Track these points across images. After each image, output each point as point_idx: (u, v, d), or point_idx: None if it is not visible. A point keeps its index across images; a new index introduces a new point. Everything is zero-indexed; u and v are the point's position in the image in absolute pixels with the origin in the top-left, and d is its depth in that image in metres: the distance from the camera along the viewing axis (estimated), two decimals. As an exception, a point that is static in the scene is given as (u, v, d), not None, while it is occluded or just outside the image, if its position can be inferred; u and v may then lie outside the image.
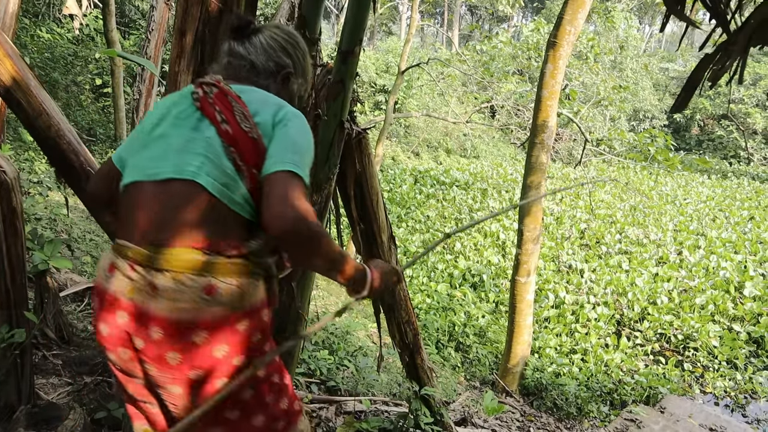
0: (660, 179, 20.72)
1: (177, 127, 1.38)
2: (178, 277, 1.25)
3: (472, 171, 19.49)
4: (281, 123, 1.38)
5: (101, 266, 1.38)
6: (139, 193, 1.35)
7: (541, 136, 6.26)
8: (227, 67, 1.51)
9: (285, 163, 1.31)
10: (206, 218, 1.30)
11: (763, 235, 14.23)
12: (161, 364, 1.29)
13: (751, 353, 9.71)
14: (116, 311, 1.30)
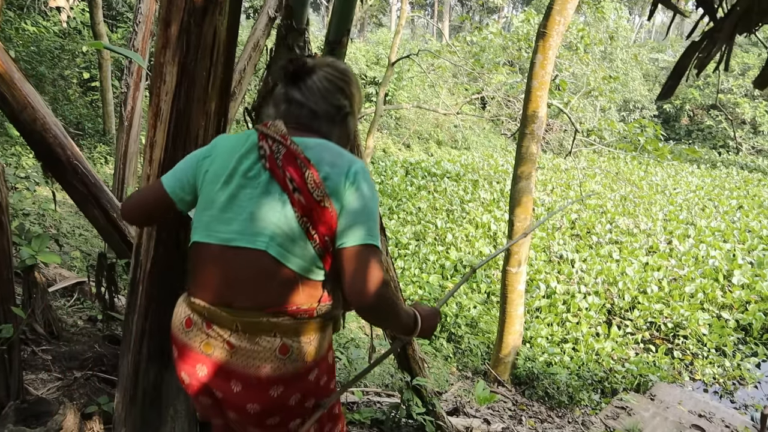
0: (650, 169, 20.83)
1: (247, 189, 1.40)
2: (253, 338, 1.37)
3: (463, 162, 19.49)
4: (353, 187, 1.38)
5: (178, 318, 1.49)
6: (210, 254, 1.41)
7: (531, 126, 6.27)
8: (286, 115, 1.51)
9: (362, 236, 1.35)
10: (276, 284, 1.37)
11: (752, 223, 14.36)
12: (241, 414, 1.43)
13: (739, 340, 9.82)
14: (196, 364, 1.43)
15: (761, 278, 11.22)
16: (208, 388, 1.44)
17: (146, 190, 1.62)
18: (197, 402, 1.52)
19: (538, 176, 17.79)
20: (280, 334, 1.38)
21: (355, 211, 1.37)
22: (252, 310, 1.37)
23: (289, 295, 1.38)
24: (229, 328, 1.38)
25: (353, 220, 1.36)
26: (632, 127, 9.82)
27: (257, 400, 1.40)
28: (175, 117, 1.88)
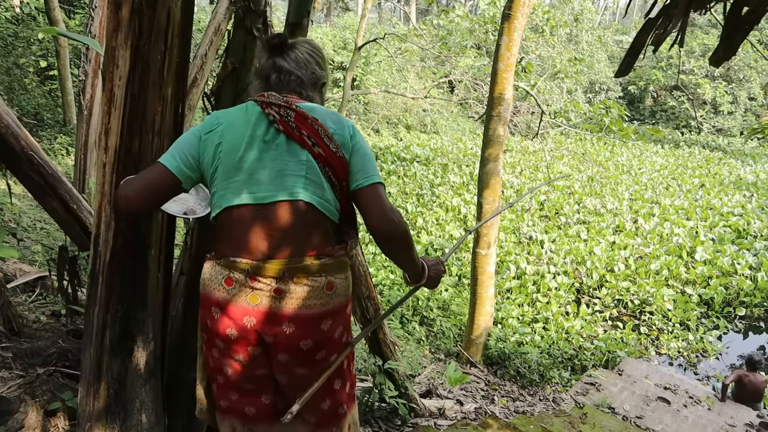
0: (616, 150, 21.19)
1: (269, 152, 1.55)
2: (302, 281, 1.53)
3: (433, 146, 19.53)
4: (354, 139, 1.61)
5: (215, 280, 1.59)
6: (247, 214, 1.54)
7: (497, 108, 6.29)
8: (276, 83, 1.68)
9: (372, 176, 1.58)
10: (316, 230, 1.56)
11: (713, 201, 14.75)
12: (294, 352, 1.57)
13: (702, 314, 10.13)
14: (243, 317, 1.55)
15: (722, 254, 11.56)
16: (258, 337, 1.56)
17: (148, 174, 1.61)
18: (244, 355, 1.60)
19: (506, 159, 17.94)
20: (325, 273, 1.55)
21: (363, 157, 1.59)
22: (295, 256, 1.53)
23: (325, 238, 1.58)
24: (274, 276, 1.52)
25: (362, 165, 1.58)
26: (597, 108, 9.95)
27: (310, 335, 1.56)
28: (130, 102, 1.82)
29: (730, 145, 25.69)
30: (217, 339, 1.63)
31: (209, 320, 1.63)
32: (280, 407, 1.68)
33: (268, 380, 1.67)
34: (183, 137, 1.64)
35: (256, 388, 1.68)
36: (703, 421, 6.22)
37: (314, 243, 1.56)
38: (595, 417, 5.50)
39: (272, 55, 1.69)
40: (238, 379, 1.66)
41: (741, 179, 17.49)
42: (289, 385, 1.65)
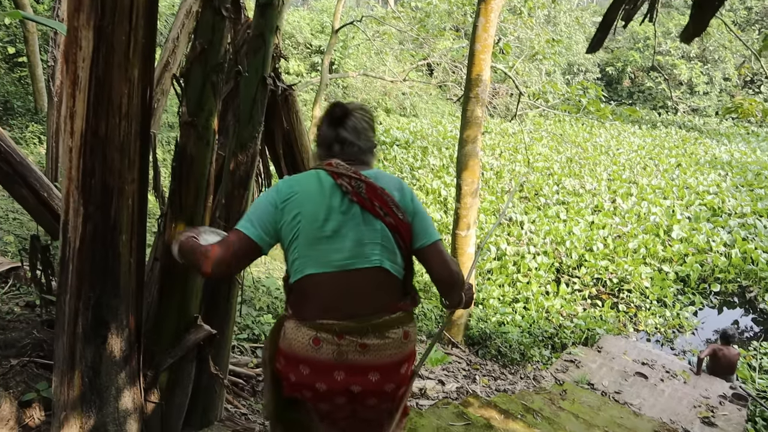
0: (594, 131, 21.35)
1: (347, 222, 1.69)
2: (383, 334, 1.71)
3: (412, 129, 19.49)
4: (413, 202, 1.78)
5: (301, 341, 1.71)
6: (330, 280, 1.69)
7: (475, 90, 6.28)
8: (341, 153, 1.80)
9: (433, 235, 1.77)
10: (390, 289, 1.75)
11: (689, 180, 14.96)
12: (381, 395, 1.76)
13: (678, 291, 10.31)
14: (332, 372, 1.70)
15: (698, 231, 11.76)
16: (345, 388, 1.72)
17: (232, 247, 1.70)
18: (329, 404, 1.78)
19: (485, 141, 17.97)
20: (401, 325, 1.75)
21: (423, 219, 1.77)
22: (376, 314, 1.71)
23: (397, 295, 1.78)
24: (359, 333, 1.69)
25: (424, 226, 1.77)
26: (575, 89, 9.99)
27: (393, 380, 1.76)
28: (95, 85, 1.78)
29: (705, 125, 25.99)
30: (304, 390, 1.77)
31: (294, 375, 1.75)
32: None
33: (345, 419, 1.87)
34: (261, 207, 1.73)
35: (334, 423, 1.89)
36: (678, 394, 6.36)
37: (390, 301, 1.75)
38: (575, 393, 5.60)
39: (333, 125, 1.82)
40: (319, 413, 1.86)
41: (716, 158, 17.75)
42: (374, 418, 1.88)
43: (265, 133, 2.99)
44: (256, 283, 6.47)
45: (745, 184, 15.04)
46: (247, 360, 4.42)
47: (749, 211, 12.85)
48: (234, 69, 2.45)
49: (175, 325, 2.42)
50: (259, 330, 5.03)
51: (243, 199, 2.55)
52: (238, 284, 2.67)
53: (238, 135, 2.49)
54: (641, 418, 5.19)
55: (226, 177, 2.52)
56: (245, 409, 3.73)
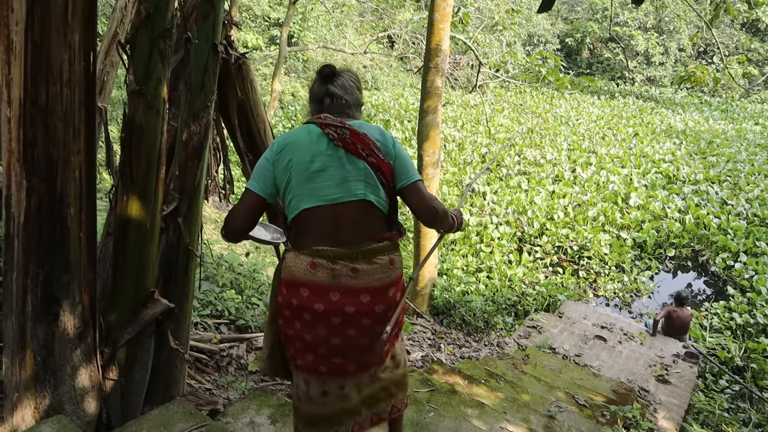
0: (554, 102, 21.57)
1: (332, 164, 1.91)
2: (370, 260, 1.93)
3: (374, 103, 19.35)
4: (395, 147, 2.00)
5: (300, 266, 1.92)
6: (323, 213, 1.91)
7: (435, 60, 6.25)
8: (330, 106, 2.03)
9: (413, 176, 1.99)
10: (376, 221, 1.97)
11: (646, 149, 15.30)
12: (372, 315, 1.97)
13: (635, 257, 10.61)
14: (329, 293, 1.92)
15: (654, 199, 12.08)
16: (340, 308, 1.93)
17: (245, 203, 1.96)
18: (326, 325, 1.95)
19: (447, 113, 17.99)
20: (387, 252, 1.98)
21: (403, 161, 2.00)
22: (364, 242, 1.93)
23: (383, 226, 2.00)
24: (350, 258, 1.91)
25: (404, 168, 1.99)
26: (534, 59, 10.04)
27: (382, 301, 1.97)
28: (32, 50, 1.70)
29: (661, 95, 26.53)
30: (304, 313, 1.95)
31: (296, 299, 1.95)
32: (350, 368, 2.06)
33: (339, 347, 2.01)
34: (260, 166, 1.97)
35: (328, 352, 2.01)
36: (635, 355, 6.59)
37: (376, 231, 1.97)
38: (537, 357, 5.74)
39: (324, 82, 2.04)
40: (315, 344, 1.99)
41: (671, 128, 18.17)
42: (366, 341, 2.03)
43: (220, 103, 2.92)
44: (219, 259, 6.39)
45: (699, 152, 15.46)
46: (210, 336, 4.38)
47: (702, 178, 13.25)
48: (183, 36, 2.36)
49: (131, 299, 2.37)
50: (222, 306, 4.97)
51: (197, 170, 2.49)
52: (196, 257, 2.62)
53: (190, 104, 2.42)
54: (600, 378, 5.36)
55: (179, 148, 2.45)
56: (209, 384, 3.71)
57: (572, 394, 4.54)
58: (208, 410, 2.81)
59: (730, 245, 10.34)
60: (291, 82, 20.68)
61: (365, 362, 2.07)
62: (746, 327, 8.23)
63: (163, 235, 2.51)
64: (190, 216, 2.51)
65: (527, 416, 3.66)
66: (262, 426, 2.63)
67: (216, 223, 10.47)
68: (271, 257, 7.97)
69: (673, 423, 4.97)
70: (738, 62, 9.72)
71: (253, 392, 2.91)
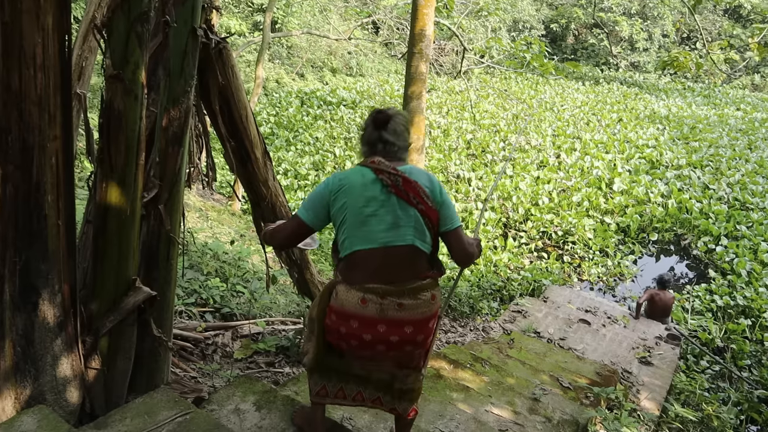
0: (539, 88, 21.59)
1: (385, 209, 2.06)
2: (415, 296, 2.10)
3: (359, 89, 19.26)
4: (441, 194, 2.14)
5: (351, 301, 2.10)
6: (375, 254, 2.07)
7: (419, 45, 6.22)
8: (383, 152, 2.16)
9: (455, 222, 2.15)
10: (420, 261, 2.13)
11: (630, 134, 15.39)
12: (414, 344, 2.17)
13: (619, 241, 10.72)
14: (377, 325, 2.10)
15: (637, 184, 12.18)
16: (386, 338, 2.12)
17: (293, 227, 2.22)
18: (371, 352, 2.17)
19: (433, 99, 17.96)
20: (429, 289, 2.14)
21: (448, 208, 2.14)
22: (410, 281, 2.10)
23: (426, 266, 2.16)
24: (398, 295, 2.08)
25: (448, 214, 2.14)
26: (519, 44, 10.03)
27: (423, 332, 2.17)
28: (2, 32, 1.66)
29: (645, 80, 26.67)
30: (352, 339, 2.15)
31: (345, 327, 2.14)
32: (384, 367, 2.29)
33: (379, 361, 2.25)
34: (315, 196, 2.15)
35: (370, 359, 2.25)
36: (619, 338, 6.67)
37: (420, 270, 2.14)
38: (522, 341, 5.79)
39: (377, 128, 2.17)
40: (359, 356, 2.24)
41: (655, 113, 18.29)
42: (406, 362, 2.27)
43: (200, 88, 2.88)
44: (203, 248, 6.35)
45: (681, 137, 15.60)
46: (195, 324, 4.36)
47: (684, 163, 13.38)
48: (161, 20, 2.32)
49: (112, 288, 2.34)
50: (206, 294, 4.95)
51: (178, 157, 2.46)
52: (178, 244, 2.59)
53: (169, 90, 2.38)
54: (584, 361, 5.43)
55: (159, 134, 2.41)
56: (194, 372, 3.70)
57: (556, 376, 4.59)
58: (193, 398, 2.80)
59: (712, 229, 10.48)
60: (275, 69, 20.51)
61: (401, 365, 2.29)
62: (726, 309, 8.37)
63: (144, 222, 2.48)
64: (171, 203, 2.48)
65: (512, 399, 3.69)
66: (248, 413, 2.62)
67: (200, 212, 10.39)
68: (256, 245, 7.93)
69: (656, 403, 5.05)
70: (720, 48, 9.80)
71: (237, 379, 2.90)
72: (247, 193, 3.35)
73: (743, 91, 25.74)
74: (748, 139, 15.52)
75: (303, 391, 3.15)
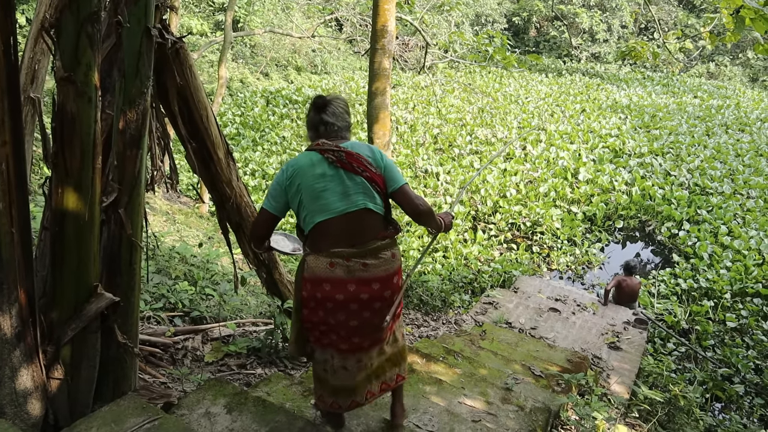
0: (504, 81, 21.79)
1: (334, 182, 2.30)
2: (376, 255, 2.36)
3: (324, 87, 19.17)
4: (383, 159, 2.39)
5: (320, 266, 2.33)
6: (334, 223, 2.31)
7: (381, 41, 6.21)
8: (325, 133, 2.39)
9: (399, 181, 2.39)
10: (376, 223, 2.38)
11: (593, 124, 15.66)
12: (382, 300, 2.39)
13: (586, 230, 10.91)
14: (346, 285, 2.33)
15: (602, 173, 12.41)
16: (356, 296, 2.34)
17: (261, 218, 2.44)
18: (345, 311, 2.36)
19: (398, 95, 17.98)
20: (388, 248, 2.40)
21: (390, 169, 2.39)
22: (370, 242, 2.35)
23: (382, 227, 2.40)
24: (361, 256, 2.33)
25: (392, 175, 2.39)
26: (481, 38, 10.11)
27: (389, 287, 2.40)
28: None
29: (606, 71, 27.13)
30: (327, 302, 2.35)
31: (320, 292, 2.35)
32: (365, 344, 2.47)
33: (356, 328, 2.41)
34: (275, 188, 2.38)
35: (347, 333, 2.42)
36: (588, 324, 6.79)
37: (377, 231, 2.37)
38: (494, 332, 5.85)
39: (318, 112, 2.41)
40: (337, 326, 2.40)
41: (616, 103, 18.63)
42: (378, 320, 2.43)
43: (158, 90, 2.83)
44: (170, 251, 6.25)
45: (643, 125, 15.93)
46: (164, 329, 4.29)
47: (646, 150, 13.67)
48: (113, 20, 2.27)
49: (73, 295, 2.28)
50: (175, 298, 4.87)
51: (137, 159, 2.41)
52: (141, 248, 2.54)
53: (125, 91, 2.32)
54: (555, 349, 5.51)
55: (116, 137, 2.36)
56: (164, 378, 3.63)
57: (528, 365, 4.65)
58: (162, 403, 2.76)
59: (674, 214, 10.74)
60: (239, 69, 20.28)
61: (376, 338, 2.49)
62: (690, 291, 8.59)
63: (104, 227, 2.42)
64: (131, 207, 2.43)
65: (485, 390, 3.73)
66: (218, 416, 2.59)
67: (167, 216, 10.23)
68: (224, 247, 7.83)
69: (625, 387, 5.16)
70: (676, 37, 10.01)
71: (208, 383, 2.86)
72: (211, 194, 3.31)
73: (700, 80, 26.39)
74: (706, 126, 15.94)
75: (275, 392, 3.13)
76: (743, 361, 6.70)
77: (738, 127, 16.22)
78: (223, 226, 3.43)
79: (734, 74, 28.73)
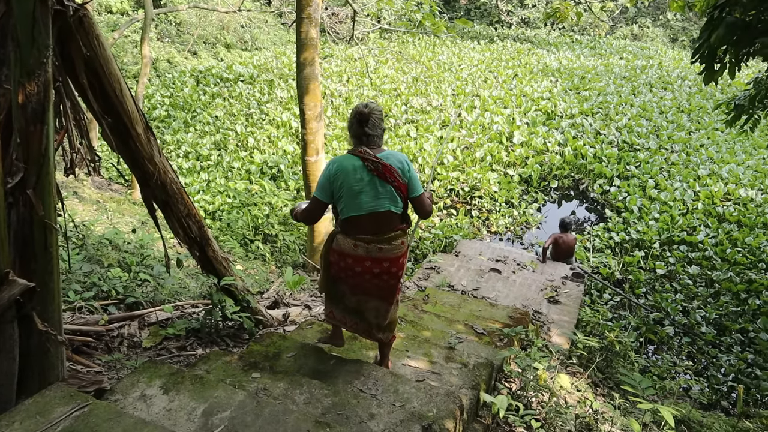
0: (437, 50, 21.80)
1: (369, 186, 2.89)
2: (390, 242, 2.99)
3: (256, 63, 18.66)
4: (410, 171, 2.99)
5: (347, 245, 3.01)
6: (364, 218, 2.93)
7: (307, 10, 6.05)
8: (367, 142, 2.93)
9: (418, 190, 3.01)
10: (393, 220, 2.99)
11: (525, 89, 15.92)
12: (390, 274, 3.07)
13: (523, 192, 11.16)
14: (364, 261, 3.01)
15: (535, 135, 12.68)
16: (371, 270, 3.02)
17: (315, 206, 3.03)
18: (361, 279, 3.09)
19: (332, 68, 17.72)
20: (400, 237, 3.04)
21: (413, 180, 2.99)
22: (387, 233, 2.97)
23: (398, 223, 3.02)
24: (379, 242, 2.97)
25: (414, 185, 2.99)
26: (410, 5, 10.03)
27: (396, 265, 3.07)
28: None
29: (536, 36, 27.57)
30: (348, 271, 3.07)
31: (343, 263, 3.06)
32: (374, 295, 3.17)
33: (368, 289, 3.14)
34: (323, 181, 2.96)
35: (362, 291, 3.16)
36: (528, 282, 6.98)
37: (394, 225, 3.00)
38: (437, 296, 5.92)
39: (361, 125, 2.91)
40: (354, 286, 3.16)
41: (547, 67, 18.98)
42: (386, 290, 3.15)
43: (63, 62, 2.65)
44: (100, 238, 5.98)
45: (573, 87, 16.33)
46: (97, 318, 4.12)
47: (577, 111, 14.04)
48: (2, -17, 2.09)
49: (-18, 285, 2.14)
50: (108, 286, 4.67)
51: (42, 135, 2.25)
52: (56, 230, 2.40)
53: (21, 62, 2.16)
54: (497, 307, 5.63)
55: (17, 112, 2.20)
56: (99, 367, 3.50)
57: (471, 324, 4.73)
58: (94, 390, 2.65)
59: (605, 171, 11.12)
60: (165, 48, 19.47)
61: (382, 296, 3.16)
62: (623, 244, 8.96)
63: (13, 209, 2.27)
64: (40, 186, 2.28)
65: (428, 351, 3.77)
66: (155, 397, 2.52)
67: (98, 204, 9.78)
68: (155, 233, 7.57)
69: (565, 338, 5.35)
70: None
71: (142, 365, 2.77)
72: (132, 171, 3.15)
73: (625, 41, 27.22)
74: (632, 86, 16.49)
75: (214, 369, 3.06)
76: (672, 305, 7.07)
77: (661, 86, 16.87)
78: (149, 205, 3.28)
79: (656, 35, 29.77)
